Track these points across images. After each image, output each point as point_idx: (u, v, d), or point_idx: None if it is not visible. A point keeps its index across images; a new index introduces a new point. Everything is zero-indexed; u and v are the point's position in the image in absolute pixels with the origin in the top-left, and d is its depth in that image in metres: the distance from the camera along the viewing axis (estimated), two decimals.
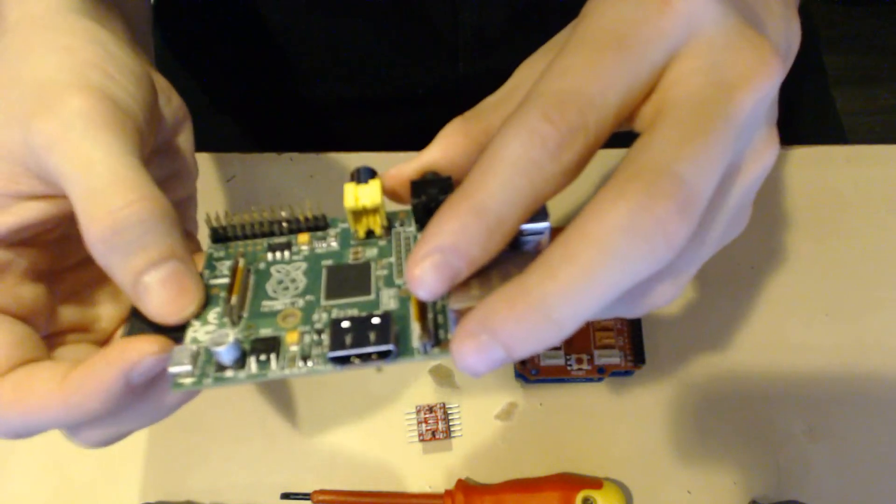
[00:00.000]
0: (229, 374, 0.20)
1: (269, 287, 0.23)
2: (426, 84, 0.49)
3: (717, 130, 0.17)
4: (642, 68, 0.18)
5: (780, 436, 0.35)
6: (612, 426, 0.35)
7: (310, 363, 0.20)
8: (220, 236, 0.24)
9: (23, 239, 0.22)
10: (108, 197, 0.19)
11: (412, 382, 0.37)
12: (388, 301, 0.22)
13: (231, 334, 0.20)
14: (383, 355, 0.20)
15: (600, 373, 0.35)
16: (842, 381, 0.36)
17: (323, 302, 0.22)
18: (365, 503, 0.34)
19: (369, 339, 0.19)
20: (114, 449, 0.35)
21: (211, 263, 0.24)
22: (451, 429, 0.35)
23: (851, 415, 0.36)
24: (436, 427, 0.35)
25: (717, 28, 0.18)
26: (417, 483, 0.35)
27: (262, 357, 0.20)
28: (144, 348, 0.19)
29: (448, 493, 0.33)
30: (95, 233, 0.19)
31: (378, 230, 0.23)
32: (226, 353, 0.20)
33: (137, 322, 0.21)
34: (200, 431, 0.35)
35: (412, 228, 0.23)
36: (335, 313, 0.22)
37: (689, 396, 0.36)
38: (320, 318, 0.22)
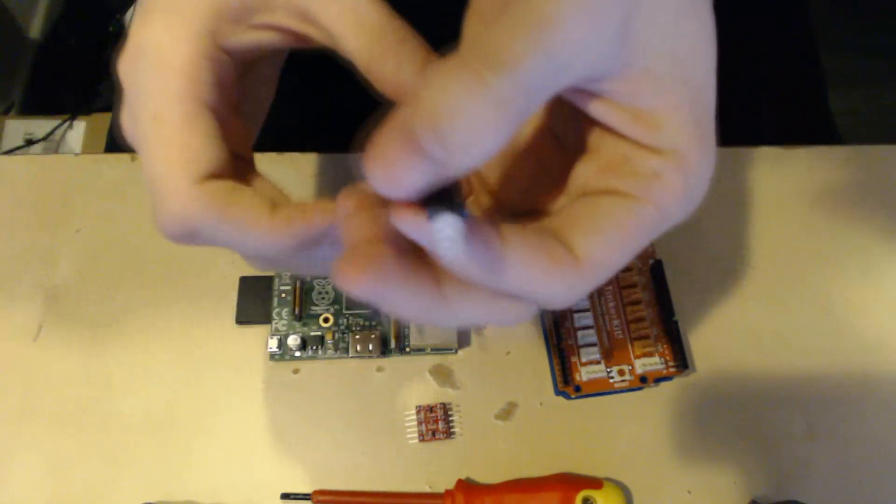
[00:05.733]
0: (298, 353, 0.37)
1: (314, 295, 0.38)
2: None
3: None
4: None
5: (780, 436, 0.35)
6: (612, 426, 0.35)
7: (339, 353, 0.37)
8: None
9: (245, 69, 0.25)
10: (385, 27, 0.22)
11: (412, 382, 0.37)
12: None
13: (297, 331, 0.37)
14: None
15: (643, 381, 0.35)
16: (842, 381, 0.36)
17: (344, 311, 0.37)
18: (365, 503, 0.34)
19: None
20: (114, 449, 0.35)
21: (279, 273, 0.38)
22: (451, 429, 0.35)
23: (851, 415, 0.36)
24: (436, 427, 0.35)
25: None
26: (417, 483, 0.35)
27: (314, 347, 0.36)
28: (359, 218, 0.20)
29: (448, 493, 0.33)
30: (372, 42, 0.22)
31: None
32: (293, 342, 0.36)
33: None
34: (200, 431, 0.36)
35: None
36: (351, 320, 0.37)
37: (689, 396, 0.36)
38: (344, 322, 0.37)
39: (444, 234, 0.17)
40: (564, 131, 0.23)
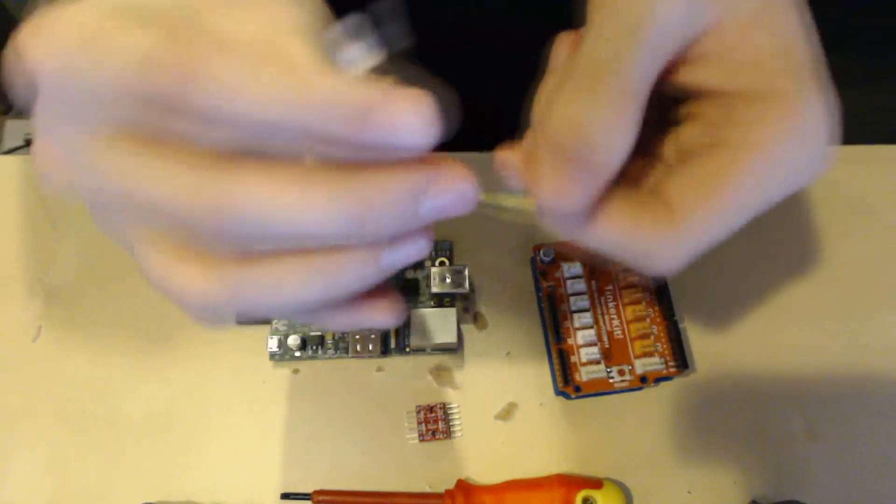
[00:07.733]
0: (298, 353, 0.36)
1: None
2: (436, 30, 0.48)
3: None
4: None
5: (780, 436, 0.35)
6: (612, 426, 0.35)
7: (339, 353, 0.37)
8: None
9: None
10: None
11: (412, 382, 0.37)
12: None
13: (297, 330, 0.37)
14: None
15: (643, 381, 0.35)
16: (842, 381, 0.36)
17: None
18: (365, 503, 0.34)
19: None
20: (114, 449, 0.35)
21: None
22: (451, 429, 0.35)
23: (851, 415, 0.36)
24: (436, 427, 0.35)
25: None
26: (417, 483, 0.35)
27: (314, 347, 0.36)
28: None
29: (448, 493, 0.33)
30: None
31: None
32: (293, 342, 0.36)
33: None
34: (200, 431, 0.36)
35: None
36: None
37: (689, 396, 0.36)
38: None
39: None
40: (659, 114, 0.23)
